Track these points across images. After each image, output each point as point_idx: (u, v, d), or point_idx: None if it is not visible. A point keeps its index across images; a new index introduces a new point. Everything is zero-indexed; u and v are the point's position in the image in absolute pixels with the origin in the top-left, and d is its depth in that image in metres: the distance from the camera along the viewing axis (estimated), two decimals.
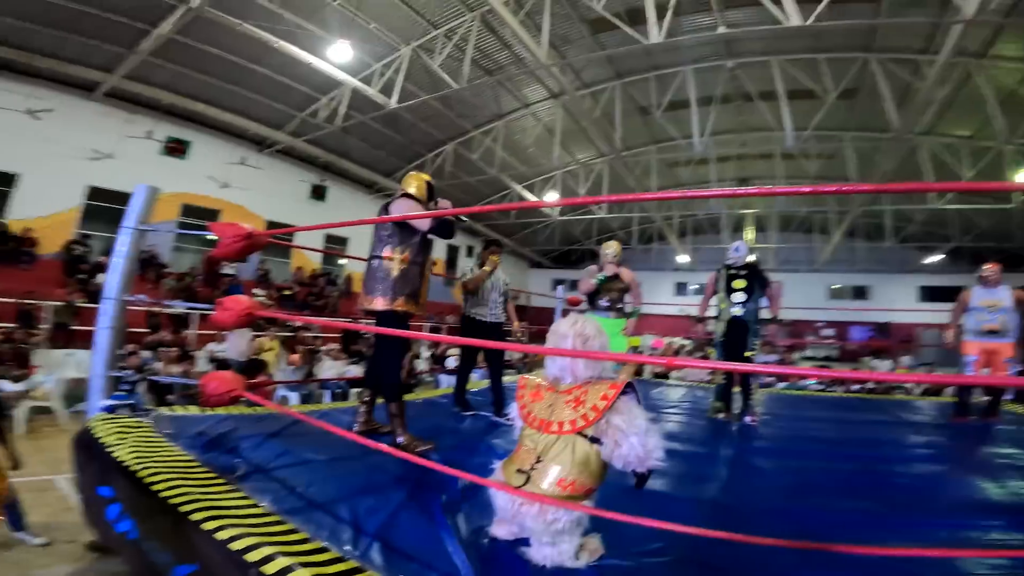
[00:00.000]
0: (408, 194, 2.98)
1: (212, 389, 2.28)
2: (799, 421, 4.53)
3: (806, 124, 10.74)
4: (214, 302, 8.44)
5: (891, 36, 9.28)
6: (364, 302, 2.84)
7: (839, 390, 9.84)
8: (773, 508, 2.26)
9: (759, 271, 4.23)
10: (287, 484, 2.13)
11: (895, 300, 19.53)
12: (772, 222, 17.89)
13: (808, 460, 3.02)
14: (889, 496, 2.43)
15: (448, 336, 10.09)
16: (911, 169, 13.05)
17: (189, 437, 2.53)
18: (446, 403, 4.16)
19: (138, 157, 10.98)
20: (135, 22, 8.74)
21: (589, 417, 1.40)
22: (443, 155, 14.37)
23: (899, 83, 9.66)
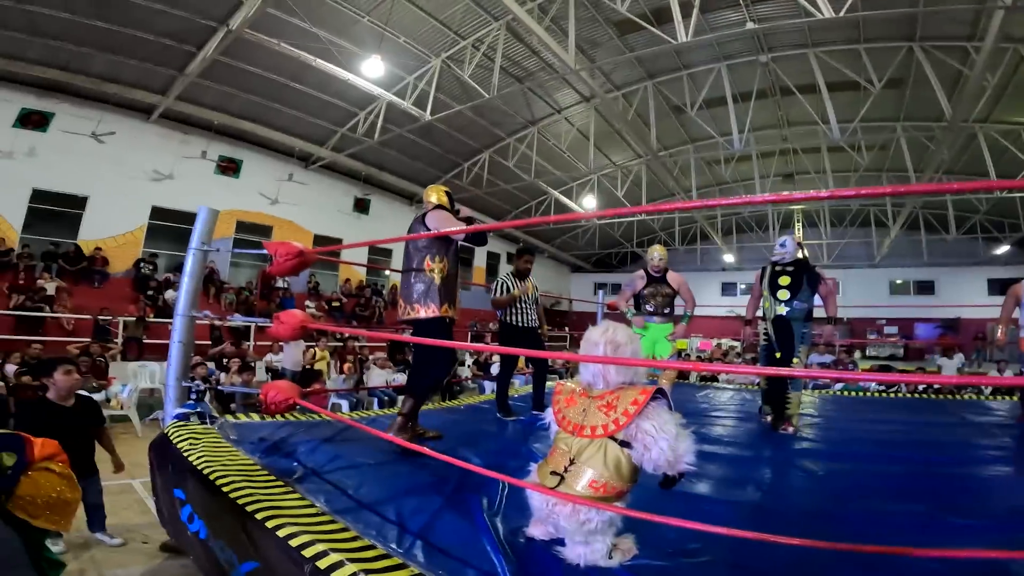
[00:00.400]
0: (440, 205, 3.11)
1: (272, 397, 2.47)
2: (854, 423, 4.37)
3: (852, 116, 10.33)
4: (270, 314, 8.86)
5: (934, 23, 8.83)
6: (408, 312, 2.93)
7: (903, 391, 9.36)
8: (818, 511, 2.23)
9: (808, 268, 3.94)
10: (339, 486, 2.28)
11: (963, 294, 18.33)
12: (823, 217, 17.16)
13: (860, 463, 2.94)
14: (946, 499, 2.36)
15: (486, 346, 10.26)
16: (971, 157, 12.33)
17: (251, 443, 2.74)
18: (488, 408, 4.27)
19: (195, 176, 11.68)
20: (182, 45, 9.27)
21: (620, 422, 1.46)
22: (479, 163, 14.60)
23: (948, 71, 9.17)
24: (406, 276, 3.01)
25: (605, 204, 17.18)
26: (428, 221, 2.99)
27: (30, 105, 9.60)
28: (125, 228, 10.90)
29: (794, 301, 3.83)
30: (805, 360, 3.92)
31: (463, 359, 11.25)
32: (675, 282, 4.34)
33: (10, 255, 9.05)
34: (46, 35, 8.56)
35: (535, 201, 17.72)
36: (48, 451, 1.87)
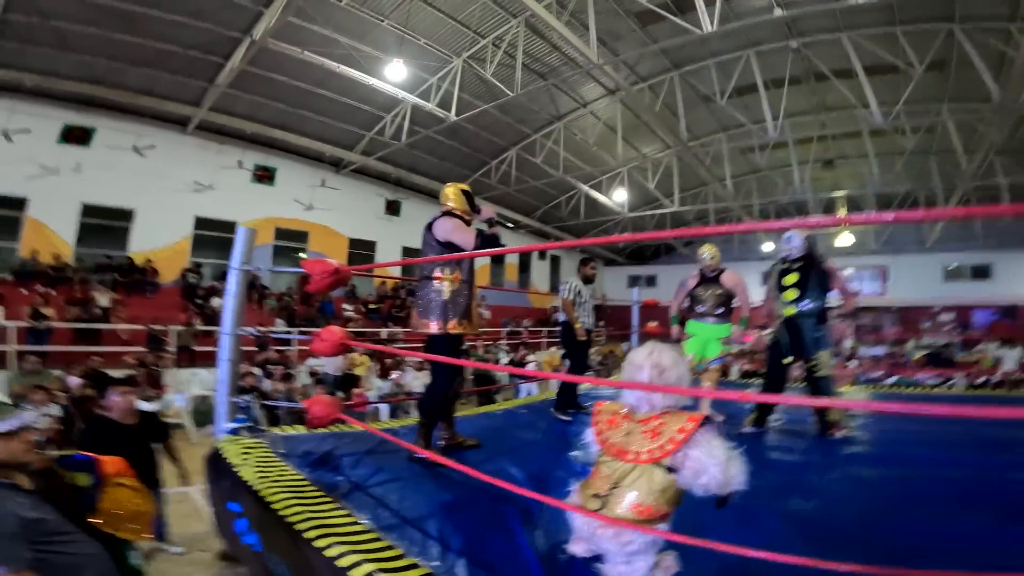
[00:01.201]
0: (449, 211, 2.93)
1: (315, 413, 2.56)
2: (907, 423, 4.18)
3: (894, 99, 9.84)
4: (310, 318, 9.11)
5: (974, 4, 8.42)
6: (420, 326, 2.88)
7: (959, 386, 8.94)
8: (873, 523, 2.16)
9: (817, 263, 3.69)
10: (382, 501, 2.34)
11: (1022, 278, 17.31)
12: (868, 202, 16.44)
13: (915, 468, 2.81)
14: (1013, 507, 2.24)
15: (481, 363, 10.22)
16: (1023, 137, 11.60)
17: (298, 456, 2.83)
18: (525, 413, 4.30)
19: (233, 186, 12.08)
20: (209, 56, 9.54)
21: (667, 448, 1.44)
22: (507, 161, 14.60)
23: (992, 52, 8.68)
24: (419, 285, 2.92)
25: (636, 196, 16.93)
26: (436, 231, 2.84)
27: (71, 121, 9.98)
28: (171, 239, 11.37)
29: (803, 300, 3.63)
30: (829, 363, 3.65)
31: (498, 358, 11.34)
32: (730, 282, 4.19)
33: (66, 270, 9.57)
34: (77, 50, 8.84)
35: (564, 196, 17.62)
36: (117, 468, 2.02)
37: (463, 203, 3.00)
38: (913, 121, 11.74)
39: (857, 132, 12.83)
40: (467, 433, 3.28)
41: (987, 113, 10.41)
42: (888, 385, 8.73)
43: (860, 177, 15.39)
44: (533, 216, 18.86)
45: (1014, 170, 13.06)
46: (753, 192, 16.86)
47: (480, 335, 11.14)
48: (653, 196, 16.10)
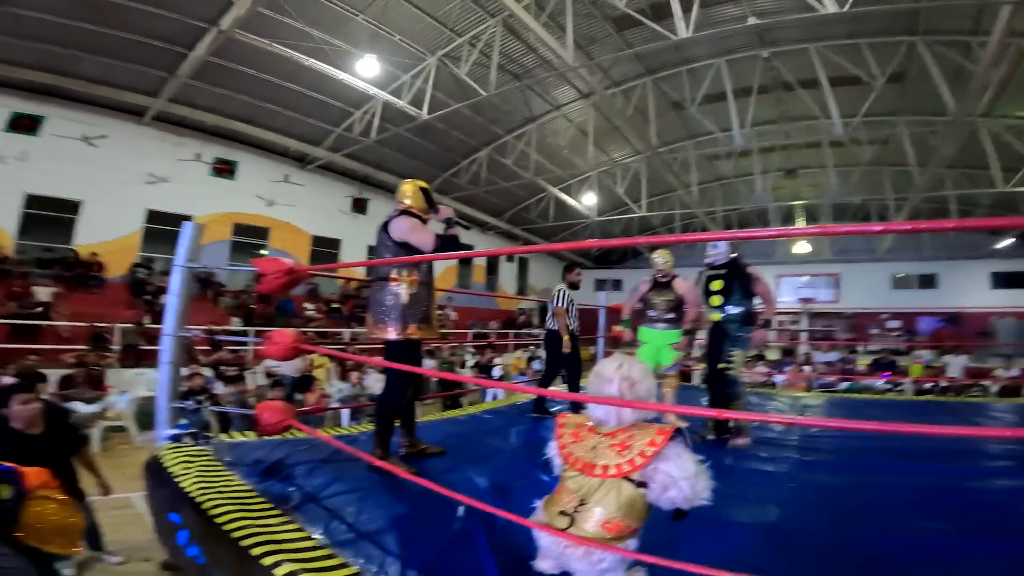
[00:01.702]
0: (407, 210, 2.80)
1: (266, 419, 2.39)
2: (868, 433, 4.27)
3: (854, 111, 10.22)
4: (269, 318, 8.75)
5: (936, 18, 8.76)
6: (375, 331, 2.70)
7: (908, 391, 9.29)
8: (838, 532, 2.15)
9: (741, 270, 3.68)
10: (337, 513, 2.19)
11: (965, 288, 18.29)
12: (824, 212, 17.08)
13: (876, 476, 2.83)
14: (969, 516, 2.27)
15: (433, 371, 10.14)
16: (972, 151, 12.22)
17: (247, 465, 2.63)
18: (491, 418, 4.18)
19: (190, 179, 11.58)
20: (173, 46, 9.15)
21: (636, 463, 1.39)
22: (477, 162, 14.49)
23: (950, 65, 9.08)
24: (375, 287, 2.75)
25: (605, 200, 17.07)
26: (392, 230, 2.70)
27: (20, 109, 9.50)
28: (120, 232, 10.81)
29: (726, 306, 3.63)
30: (741, 366, 3.63)
31: (464, 360, 11.19)
32: (681, 289, 4.20)
33: (5, 262, 8.94)
34: (35, 38, 8.45)
35: (534, 199, 17.62)
36: (41, 480, 1.85)
37: (421, 201, 2.87)
38: (870, 133, 12.22)
39: (818, 143, 13.27)
40: (431, 439, 3.14)
41: (940, 127, 10.92)
42: (841, 390, 9.04)
43: (818, 187, 15.94)
44: (502, 218, 18.78)
45: (962, 183, 13.74)
46: (717, 199, 17.26)
47: (443, 338, 10.96)
48: (621, 201, 16.25)
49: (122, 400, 6.35)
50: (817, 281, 20.46)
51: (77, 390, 5.99)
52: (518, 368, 11.34)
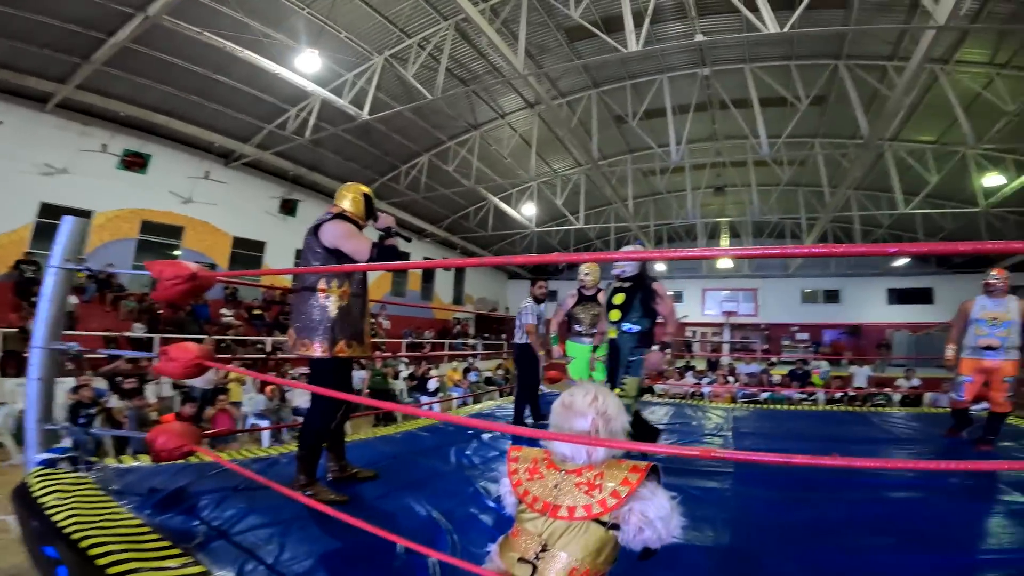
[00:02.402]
0: (340, 214, 2.55)
1: (161, 444, 2.00)
2: (789, 441, 4.37)
3: (779, 131, 10.84)
4: (179, 323, 7.89)
5: (860, 42, 9.43)
6: (299, 347, 2.40)
7: (821, 401, 9.89)
8: (788, 552, 2.09)
9: (645, 284, 3.41)
10: (253, 553, 1.86)
11: (865, 302, 20.05)
12: (746, 229, 18.12)
13: (813, 490, 2.81)
14: (912, 530, 2.29)
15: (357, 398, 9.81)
16: (878, 174, 13.37)
17: (139, 495, 2.23)
18: (428, 436, 3.89)
19: (93, 172, 10.42)
20: (90, 31, 8.29)
21: (608, 504, 1.22)
22: (418, 167, 14.12)
23: (867, 89, 9.82)
24: (298, 298, 2.45)
25: (544, 211, 17.17)
26: (323, 235, 2.44)
27: None
28: (8, 227, 9.52)
29: (623, 323, 3.38)
30: (633, 394, 3.31)
31: (398, 371, 10.73)
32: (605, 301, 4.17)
33: None
34: None
35: (474, 207, 17.43)
36: None
37: (360, 208, 2.63)
38: (790, 153, 13.05)
39: (743, 161, 14.01)
40: (362, 461, 2.84)
41: (852, 149, 11.80)
42: (762, 401, 9.48)
43: (742, 205, 16.85)
44: (440, 225, 18.43)
45: (865, 205, 15.01)
46: (651, 214, 17.84)
47: (375, 354, 10.47)
48: (560, 212, 16.39)
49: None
50: (738, 295, 21.68)
51: None
52: (453, 380, 11.03)
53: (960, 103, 9.42)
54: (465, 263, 5.70)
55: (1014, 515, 2.39)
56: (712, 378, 11.64)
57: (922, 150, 11.92)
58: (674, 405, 6.34)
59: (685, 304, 22.28)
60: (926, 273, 19.33)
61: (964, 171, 11.73)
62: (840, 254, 1.26)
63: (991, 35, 8.48)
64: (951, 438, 4.23)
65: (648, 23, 7.07)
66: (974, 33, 8.22)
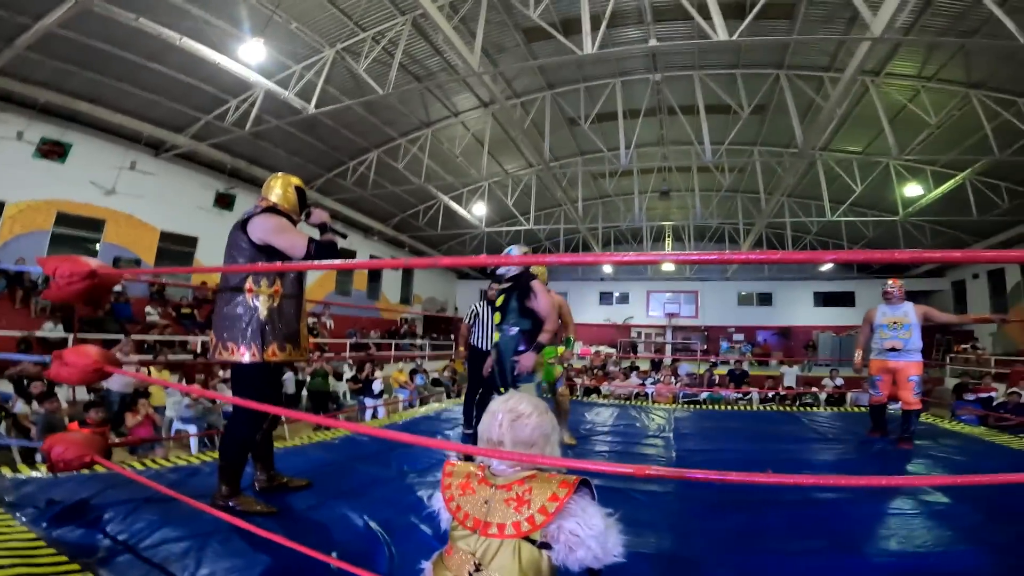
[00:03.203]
0: (272, 207, 2.35)
1: (58, 455, 1.79)
2: (728, 441, 4.50)
3: (722, 138, 11.25)
4: (98, 322, 7.28)
5: (801, 53, 9.87)
6: (221, 351, 2.20)
7: (755, 401, 10.36)
8: (734, 560, 2.12)
9: (522, 284, 3.25)
10: (164, 568, 1.69)
11: (795, 304, 21.28)
12: (688, 233, 18.79)
13: (751, 493, 2.84)
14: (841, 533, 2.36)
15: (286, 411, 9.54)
16: (808, 182, 14.18)
17: (35, 508, 2.00)
18: (368, 441, 3.72)
19: (7, 160, 9.47)
20: (16, 15, 7.53)
21: (536, 521, 1.16)
22: (366, 163, 13.73)
23: (804, 99, 10.30)
24: (222, 298, 2.26)
25: (495, 211, 17.12)
26: (252, 230, 2.24)
27: None
28: None
29: (503, 325, 3.26)
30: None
31: (341, 372, 10.37)
32: (555, 301, 4.18)
33: None
34: None
35: (423, 205, 17.16)
36: None
37: (292, 201, 2.42)
38: (731, 160, 13.60)
39: (688, 167, 14.49)
40: (296, 469, 2.67)
41: (787, 157, 12.42)
42: (701, 401, 9.82)
43: (686, 210, 17.45)
44: (388, 223, 18.03)
45: (796, 212, 15.90)
46: (599, 216, 18.16)
47: (316, 356, 10.07)
48: (510, 212, 16.40)
49: None
50: (680, 297, 22.47)
51: None
52: (399, 382, 10.77)
53: (887, 115, 9.93)
54: (414, 263, 5.51)
55: (937, 516, 2.52)
56: (656, 378, 11.93)
57: (849, 160, 12.66)
58: (619, 407, 6.43)
59: (631, 306, 22.89)
60: (849, 278, 20.73)
61: (887, 181, 12.56)
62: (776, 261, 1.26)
63: (921, 48, 8.98)
64: (874, 437, 4.50)
65: (605, 26, 7.14)
66: (905, 46, 8.67)
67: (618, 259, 1.37)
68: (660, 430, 4.91)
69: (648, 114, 11.96)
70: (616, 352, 18.32)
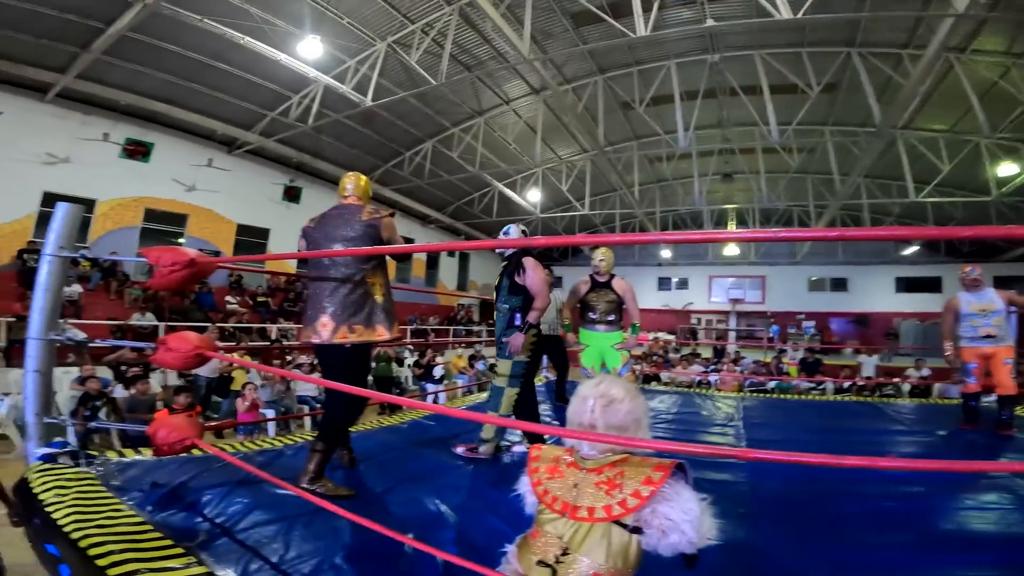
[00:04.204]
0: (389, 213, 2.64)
1: (162, 438, 1.95)
2: (804, 432, 4.31)
3: (788, 118, 10.65)
4: (183, 312, 7.84)
5: (875, 30, 9.22)
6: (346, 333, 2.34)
7: (829, 391, 9.78)
8: (805, 550, 2.03)
9: (517, 260, 3.15)
10: (257, 552, 1.81)
11: (873, 291, 19.85)
12: (753, 216, 17.91)
13: (829, 484, 2.72)
14: (929, 527, 2.23)
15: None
16: (888, 162, 13.14)
17: (140, 491, 2.19)
18: (434, 425, 3.85)
19: (95, 161, 10.38)
20: (88, 20, 8.20)
21: (629, 504, 1.14)
22: (422, 153, 14.00)
23: (881, 77, 9.62)
24: (338, 288, 2.41)
25: (549, 197, 17.03)
26: (383, 231, 2.51)
27: None
28: (11, 216, 9.51)
29: (497, 302, 3.22)
30: (506, 376, 3.05)
31: (402, 357, 10.71)
32: (620, 288, 4.09)
33: None
34: None
35: (478, 193, 17.31)
36: None
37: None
38: (800, 141, 12.84)
39: (752, 148, 13.80)
40: (368, 452, 2.81)
41: (863, 137, 11.59)
42: (769, 390, 9.39)
43: (750, 192, 16.65)
44: (444, 211, 18.34)
45: (875, 193, 14.78)
46: (656, 201, 17.67)
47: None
48: (565, 198, 16.26)
49: (2, 406, 5.43)
50: (744, 282, 21.51)
51: None
52: (458, 367, 11.01)
53: (975, 92, 9.25)
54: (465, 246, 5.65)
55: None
56: (718, 367, 11.55)
57: (934, 138, 11.71)
58: (682, 394, 6.27)
59: (691, 291, 22.16)
60: (935, 261, 19.10)
61: (977, 160, 11.53)
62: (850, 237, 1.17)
63: (1008, 25, 8.29)
64: (966, 430, 4.19)
65: (656, 8, 6.88)
66: (992, 22, 8.01)
67: (675, 238, 1.33)
68: (728, 419, 4.76)
69: (707, 95, 11.45)
70: (675, 338, 17.86)
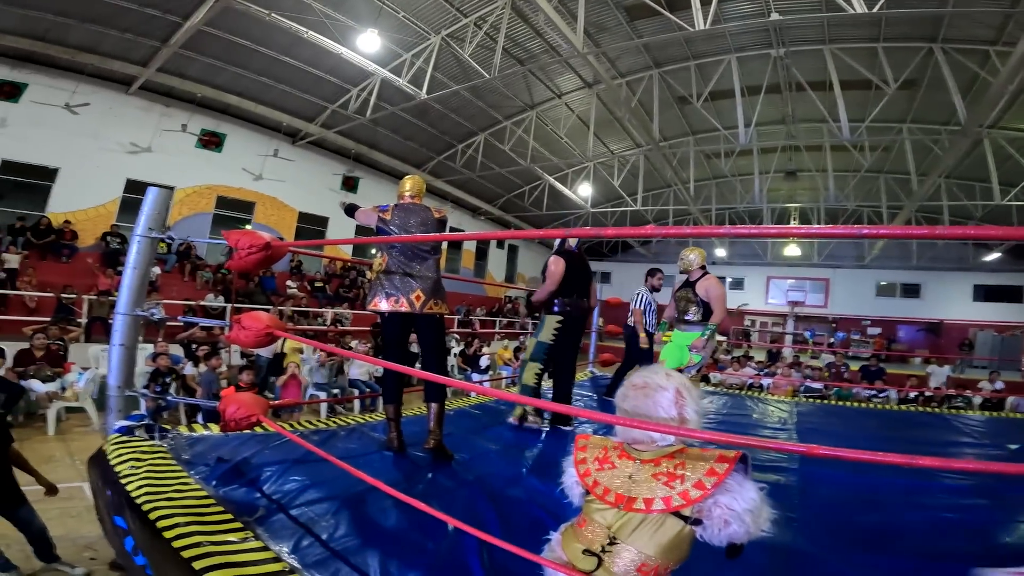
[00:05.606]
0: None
1: (231, 414, 2.09)
2: (861, 440, 4.10)
3: (861, 115, 10.04)
4: (249, 294, 8.27)
5: (960, 25, 8.52)
6: (431, 306, 2.77)
7: (892, 400, 9.22)
8: (853, 557, 1.96)
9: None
10: (310, 527, 1.92)
11: (948, 299, 18.44)
12: (819, 215, 16.99)
13: (884, 493, 2.64)
14: (986, 541, 2.12)
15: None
16: (972, 162, 12.16)
17: (206, 465, 2.35)
18: (480, 414, 3.94)
19: (174, 150, 11.13)
20: (167, 15, 8.77)
21: (691, 496, 1.14)
22: (474, 146, 14.13)
23: (966, 74, 8.90)
24: (424, 270, 2.81)
25: (600, 192, 16.82)
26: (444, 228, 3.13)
27: (2, 76, 9.08)
28: (97, 201, 10.34)
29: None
30: (529, 353, 3.78)
31: (449, 346, 10.91)
32: (702, 288, 4.02)
33: None
34: (22, 4, 8.05)
35: (529, 186, 17.31)
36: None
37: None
38: (874, 139, 12.08)
39: (819, 146, 13.10)
40: (418, 436, 2.90)
41: (945, 136, 10.79)
42: (826, 397, 8.92)
43: (815, 191, 15.82)
44: (495, 204, 18.45)
45: (955, 195, 13.71)
46: (712, 198, 17.08)
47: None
48: (616, 193, 16.01)
49: (82, 379, 5.89)
50: (805, 284, 20.50)
51: (35, 366, 5.58)
52: (504, 359, 11.11)
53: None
54: (514, 235, 5.61)
55: None
56: (773, 370, 11.10)
57: (1022, 139, 10.73)
58: (732, 396, 6.10)
59: (747, 292, 21.30)
60: (1018, 270, 17.54)
61: None
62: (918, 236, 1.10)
63: None
64: None
65: (716, 1, 6.62)
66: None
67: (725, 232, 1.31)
68: (782, 423, 4.61)
69: (770, 91, 10.94)
70: (727, 338, 17.29)
